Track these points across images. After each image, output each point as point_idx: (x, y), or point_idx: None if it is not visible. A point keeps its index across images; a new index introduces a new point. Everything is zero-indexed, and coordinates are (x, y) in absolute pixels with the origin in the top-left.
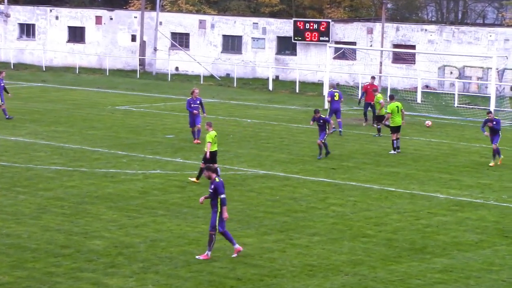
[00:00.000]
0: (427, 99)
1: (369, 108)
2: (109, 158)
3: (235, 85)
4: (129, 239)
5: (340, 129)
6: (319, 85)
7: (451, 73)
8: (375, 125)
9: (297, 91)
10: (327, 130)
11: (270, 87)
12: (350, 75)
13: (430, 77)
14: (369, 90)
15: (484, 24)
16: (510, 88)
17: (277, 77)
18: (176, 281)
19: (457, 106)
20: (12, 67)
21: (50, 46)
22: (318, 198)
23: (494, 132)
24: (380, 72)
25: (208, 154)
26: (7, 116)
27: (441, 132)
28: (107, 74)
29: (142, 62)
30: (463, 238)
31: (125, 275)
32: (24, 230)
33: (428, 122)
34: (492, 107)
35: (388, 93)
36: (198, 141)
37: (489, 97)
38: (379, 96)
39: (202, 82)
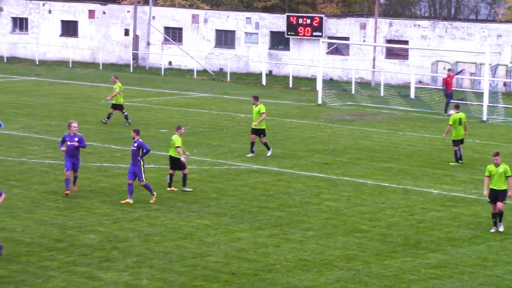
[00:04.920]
0: (421, 94)
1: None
2: (102, 152)
3: (228, 80)
4: (123, 233)
5: None
6: (312, 80)
7: (444, 68)
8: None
9: (290, 86)
10: None
11: (264, 82)
12: (343, 70)
13: (423, 72)
14: (449, 82)
15: (477, 20)
16: (503, 83)
17: (270, 72)
18: (170, 275)
19: (451, 102)
20: (5, 60)
21: (43, 40)
22: (312, 193)
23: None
24: (374, 67)
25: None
26: None
27: (435, 127)
28: (101, 68)
29: (135, 57)
30: (457, 234)
31: (120, 269)
32: (18, 224)
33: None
34: (485, 103)
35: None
36: (72, 189)
37: (482, 92)
38: (118, 84)
39: (195, 77)
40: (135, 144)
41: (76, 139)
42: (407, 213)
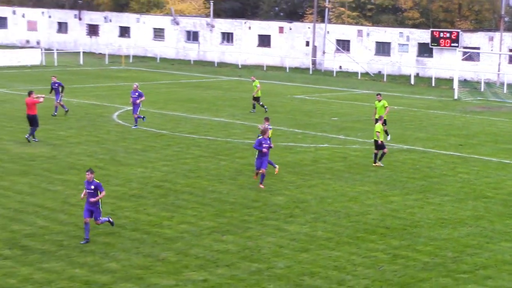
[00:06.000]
0: None
1: None
2: (288, 135)
3: (385, 80)
4: (303, 196)
5: None
6: (450, 80)
7: None
8: (261, 104)
9: (433, 85)
10: None
11: (412, 82)
12: (475, 72)
13: None
14: None
15: None
16: None
17: (417, 74)
18: (339, 228)
19: None
20: (215, 65)
21: (244, 49)
22: (449, 167)
23: None
24: (499, 71)
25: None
26: (55, 113)
27: None
28: (287, 71)
29: (313, 62)
30: None
31: (300, 223)
32: (225, 188)
33: None
34: None
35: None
36: (262, 186)
37: None
38: (256, 81)
39: (359, 78)
40: None
41: (268, 142)
42: None
